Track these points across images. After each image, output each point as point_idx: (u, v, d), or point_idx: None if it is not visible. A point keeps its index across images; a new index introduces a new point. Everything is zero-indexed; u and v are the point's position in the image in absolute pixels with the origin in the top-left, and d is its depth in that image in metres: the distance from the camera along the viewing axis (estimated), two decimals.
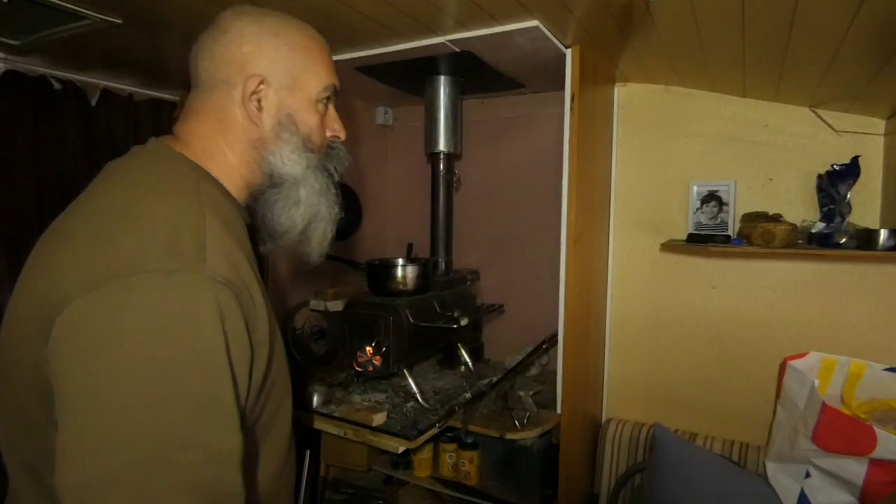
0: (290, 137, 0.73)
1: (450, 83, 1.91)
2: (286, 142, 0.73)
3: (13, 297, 0.63)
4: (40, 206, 1.76)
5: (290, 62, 0.73)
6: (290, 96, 0.73)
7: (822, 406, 1.28)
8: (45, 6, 1.23)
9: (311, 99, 0.76)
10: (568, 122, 1.54)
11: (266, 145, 0.73)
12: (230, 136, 0.72)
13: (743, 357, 1.73)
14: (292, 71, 0.73)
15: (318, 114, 0.77)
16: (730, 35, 1.25)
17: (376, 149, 2.46)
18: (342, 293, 1.93)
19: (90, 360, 0.52)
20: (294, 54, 0.73)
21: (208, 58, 0.72)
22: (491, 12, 1.32)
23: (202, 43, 0.73)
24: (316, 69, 0.75)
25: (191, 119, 0.73)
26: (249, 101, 0.71)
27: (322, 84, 0.76)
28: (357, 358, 1.60)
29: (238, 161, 0.73)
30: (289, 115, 0.73)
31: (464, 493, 1.79)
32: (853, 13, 1.00)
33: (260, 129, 0.72)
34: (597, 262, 1.83)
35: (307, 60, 0.74)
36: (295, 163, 0.74)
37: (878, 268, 1.54)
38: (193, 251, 0.58)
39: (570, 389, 1.61)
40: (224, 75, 0.71)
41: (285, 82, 0.73)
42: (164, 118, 2.15)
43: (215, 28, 0.73)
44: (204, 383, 0.55)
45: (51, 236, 0.64)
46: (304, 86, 0.74)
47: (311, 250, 0.82)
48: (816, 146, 1.61)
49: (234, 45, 0.71)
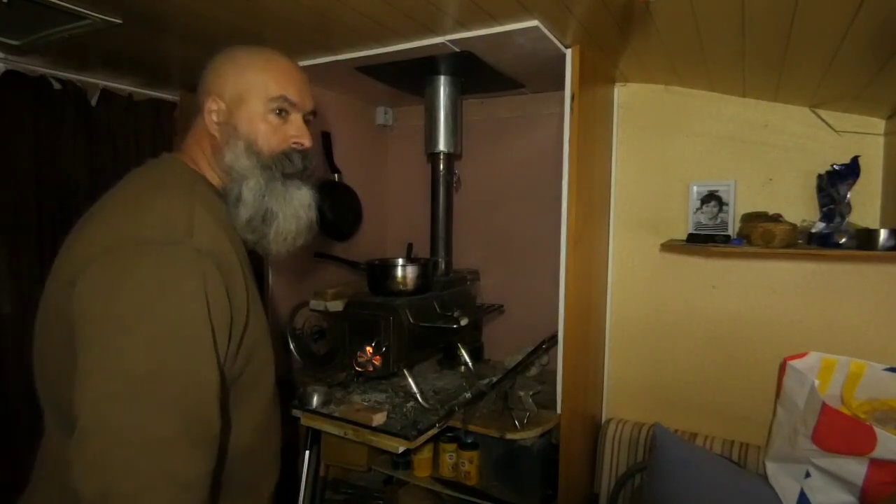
0: (235, 143, 0.88)
1: (450, 83, 1.91)
2: (232, 147, 0.88)
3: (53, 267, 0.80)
4: (40, 206, 1.76)
5: (237, 82, 0.88)
6: (237, 110, 0.88)
7: (822, 406, 1.28)
8: (45, 6, 1.23)
9: (258, 109, 0.88)
10: (568, 122, 1.54)
11: (221, 150, 0.88)
12: (204, 144, 0.91)
13: (743, 357, 1.73)
14: (238, 89, 0.88)
15: (267, 123, 0.89)
16: (730, 35, 1.25)
17: (376, 149, 2.46)
18: (342, 293, 1.93)
19: (103, 305, 0.69)
20: (242, 75, 0.89)
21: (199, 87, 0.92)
22: (491, 12, 1.32)
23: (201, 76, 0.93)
24: (264, 83, 0.89)
25: (188, 134, 0.93)
26: (209, 115, 0.89)
27: (268, 95, 0.88)
28: (357, 358, 1.60)
29: (211, 164, 0.90)
30: (235, 125, 0.88)
31: (464, 493, 1.79)
32: (853, 13, 1.00)
33: (217, 137, 0.89)
34: (597, 262, 1.83)
35: (255, 77, 0.89)
36: (242, 162, 0.88)
37: (877, 268, 1.54)
38: (183, 230, 0.75)
39: (570, 389, 1.61)
40: (201, 98, 0.91)
41: (235, 97, 0.88)
42: (164, 118, 2.15)
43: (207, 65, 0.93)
44: (188, 326, 0.70)
45: (82, 222, 0.82)
46: (249, 98, 0.88)
47: (268, 246, 0.92)
48: (816, 146, 1.61)
49: (208, 76, 0.91)
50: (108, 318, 0.68)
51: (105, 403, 0.66)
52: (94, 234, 0.76)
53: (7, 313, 1.72)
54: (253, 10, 1.31)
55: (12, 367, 1.72)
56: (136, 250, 0.71)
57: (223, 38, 1.52)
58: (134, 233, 0.73)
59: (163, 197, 0.79)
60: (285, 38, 1.53)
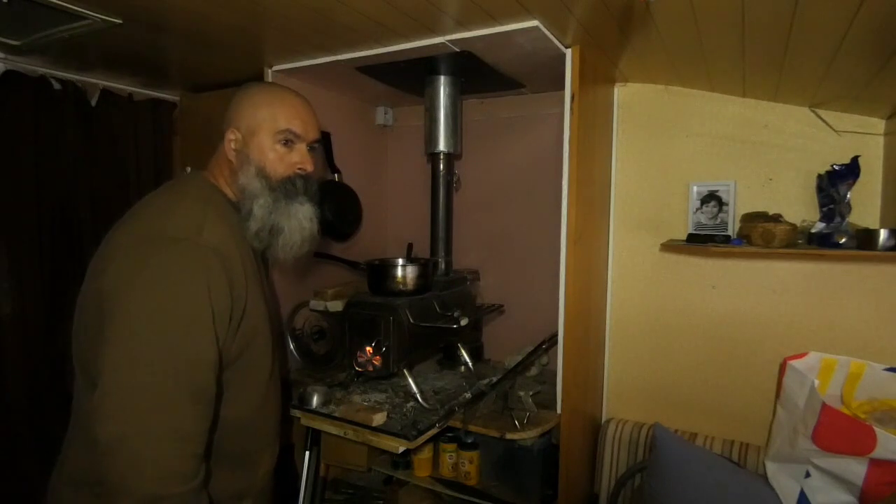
0: (248, 168, 1.04)
1: (450, 83, 1.91)
2: (245, 171, 1.04)
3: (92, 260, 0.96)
4: (40, 206, 1.76)
5: (251, 117, 1.05)
6: (251, 140, 1.05)
7: (822, 406, 1.28)
8: (45, 6, 1.23)
9: (267, 140, 1.04)
10: (568, 122, 1.54)
11: (236, 172, 1.05)
12: (223, 166, 1.08)
13: (743, 357, 1.73)
14: (252, 123, 1.05)
15: (275, 152, 1.05)
16: (730, 35, 1.25)
17: (376, 149, 2.46)
18: (342, 293, 1.93)
19: (125, 286, 0.85)
20: (256, 112, 1.05)
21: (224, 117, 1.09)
22: (491, 12, 1.32)
23: None
24: (273, 118, 1.05)
25: (212, 157, 1.10)
26: (228, 144, 1.06)
27: (276, 128, 1.04)
28: (357, 358, 1.60)
29: (228, 182, 1.07)
30: (248, 154, 1.04)
31: (464, 493, 1.79)
32: (853, 13, 1.00)
33: (234, 162, 1.06)
34: (597, 262, 1.83)
35: (266, 113, 1.05)
36: (253, 184, 1.04)
37: (877, 268, 1.54)
38: (195, 230, 0.92)
39: (570, 389, 1.61)
40: (223, 128, 1.08)
41: (249, 130, 1.05)
42: (164, 118, 2.15)
43: None
44: (192, 306, 0.86)
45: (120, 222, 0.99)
46: (260, 131, 1.04)
47: (276, 253, 1.09)
48: (816, 146, 1.61)
49: (230, 109, 1.08)
50: (128, 297, 0.84)
51: (122, 366, 0.81)
52: (128, 230, 0.94)
53: (7, 313, 1.72)
54: (253, 10, 1.31)
55: (13, 366, 1.72)
56: (155, 244, 0.88)
57: (223, 38, 1.53)
58: (157, 230, 0.91)
59: (185, 204, 0.97)
60: (285, 38, 1.53)
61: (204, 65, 1.81)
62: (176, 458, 0.81)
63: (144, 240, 0.90)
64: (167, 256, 0.87)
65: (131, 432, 0.79)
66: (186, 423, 0.83)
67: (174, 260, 0.87)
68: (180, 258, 0.88)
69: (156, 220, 0.94)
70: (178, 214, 0.94)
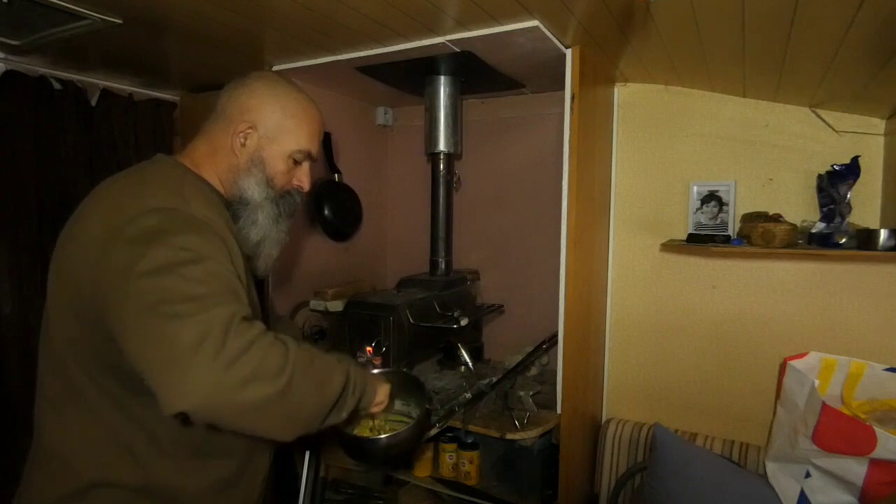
0: (257, 173, 0.98)
1: (450, 83, 1.91)
2: (253, 175, 0.98)
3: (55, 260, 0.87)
4: (40, 206, 1.76)
5: (278, 123, 0.98)
6: (268, 145, 0.98)
7: (822, 406, 1.28)
8: (45, 6, 1.23)
9: (285, 153, 0.99)
10: (568, 122, 1.54)
11: (239, 172, 0.98)
12: (217, 156, 0.98)
13: (743, 357, 1.73)
14: (276, 129, 0.98)
15: (286, 165, 1.01)
16: (730, 35, 1.25)
17: (376, 149, 2.46)
18: (342, 293, 1.93)
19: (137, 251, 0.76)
20: (284, 118, 0.98)
21: (228, 96, 0.99)
22: (491, 12, 1.32)
23: (231, 85, 1.01)
24: (297, 134, 1.00)
25: (197, 136, 1.00)
26: (237, 136, 0.96)
27: (297, 146, 1.00)
28: (357, 358, 1.60)
29: (218, 175, 0.98)
30: (261, 158, 0.98)
31: (464, 493, 1.79)
32: (853, 13, 1.00)
33: (238, 158, 0.97)
34: (597, 262, 1.83)
35: (293, 125, 0.99)
36: (257, 192, 0.98)
37: (877, 268, 1.54)
38: (183, 201, 0.85)
39: (570, 389, 1.61)
40: (230, 112, 0.98)
41: (269, 134, 0.98)
42: (164, 118, 2.15)
43: (243, 79, 1.00)
44: (212, 248, 0.81)
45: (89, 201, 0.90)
46: (281, 141, 0.99)
47: (259, 266, 1.04)
48: (816, 146, 1.61)
49: (245, 95, 0.98)
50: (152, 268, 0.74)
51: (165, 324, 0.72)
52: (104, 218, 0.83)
53: (7, 313, 1.72)
54: (253, 10, 1.31)
55: (13, 366, 1.72)
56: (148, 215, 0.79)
57: (223, 38, 1.53)
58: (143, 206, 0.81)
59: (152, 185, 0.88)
60: (285, 38, 1.53)
61: (204, 65, 1.80)
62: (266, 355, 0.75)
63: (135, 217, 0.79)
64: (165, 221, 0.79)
65: (213, 379, 0.70)
66: (238, 309, 0.76)
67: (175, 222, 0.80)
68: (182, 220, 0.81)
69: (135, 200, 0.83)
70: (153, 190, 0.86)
